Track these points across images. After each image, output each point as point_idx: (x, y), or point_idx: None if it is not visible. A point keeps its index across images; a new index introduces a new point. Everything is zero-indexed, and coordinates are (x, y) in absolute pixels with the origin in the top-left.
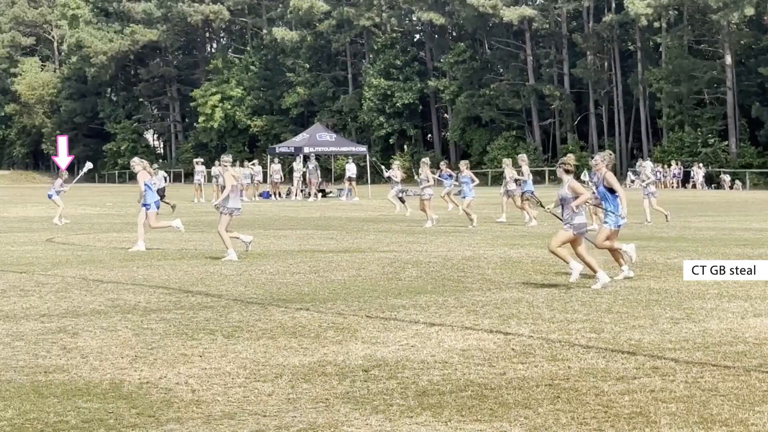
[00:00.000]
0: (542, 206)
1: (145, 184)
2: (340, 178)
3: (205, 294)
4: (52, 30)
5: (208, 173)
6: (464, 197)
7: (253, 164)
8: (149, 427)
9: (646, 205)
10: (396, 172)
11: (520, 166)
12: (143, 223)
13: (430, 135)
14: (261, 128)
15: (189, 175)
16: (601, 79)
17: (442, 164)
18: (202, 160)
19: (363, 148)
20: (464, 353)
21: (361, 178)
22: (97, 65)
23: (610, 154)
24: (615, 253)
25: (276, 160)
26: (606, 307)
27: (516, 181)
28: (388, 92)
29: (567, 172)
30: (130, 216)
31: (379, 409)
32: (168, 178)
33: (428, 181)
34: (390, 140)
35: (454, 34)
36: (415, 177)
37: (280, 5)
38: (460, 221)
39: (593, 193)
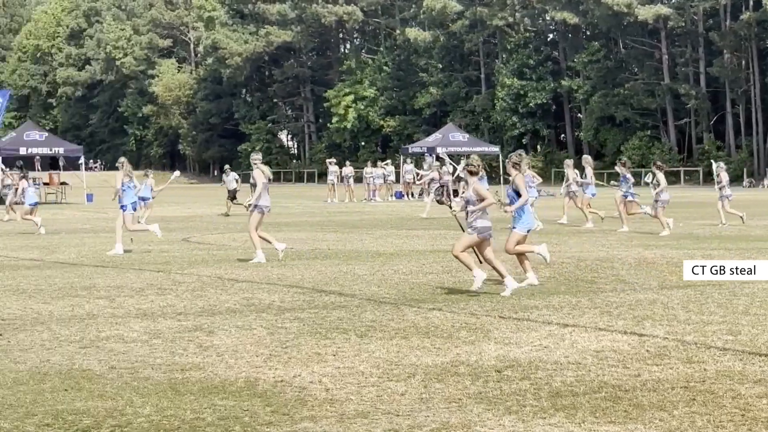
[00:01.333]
0: (450, 208)
1: (124, 185)
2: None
3: (338, 293)
4: (188, 32)
5: (341, 173)
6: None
7: (386, 164)
8: (283, 425)
9: (719, 207)
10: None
11: (584, 168)
12: (120, 225)
13: (563, 135)
14: (394, 128)
15: (322, 176)
16: (738, 78)
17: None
18: (334, 160)
19: (495, 148)
20: (598, 354)
21: (495, 178)
22: (232, 66)
23: (519, 154)
24: (521, 258)
25: (408, 160)
26: (743, 308)
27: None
28: (521, 92)
29: (471, 173)
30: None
31: (512, 410)
32: (239, 180)
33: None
34: (523, 140)
35: (588, 33)
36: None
37: (413, 5)
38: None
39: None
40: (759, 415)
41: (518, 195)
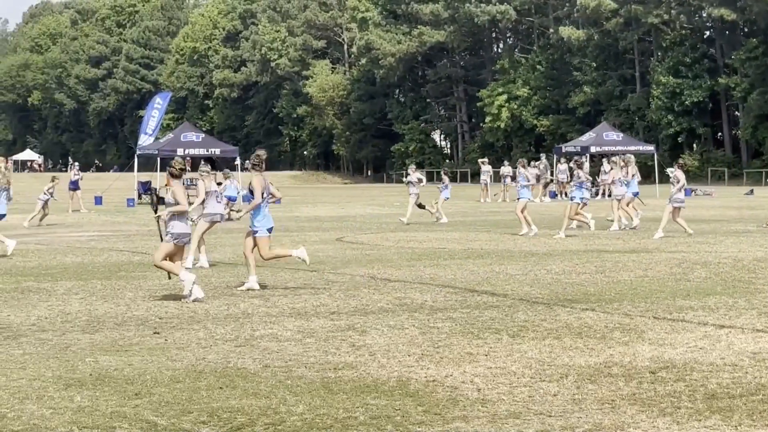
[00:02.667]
0: (154, 212)
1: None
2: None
3: (490, 293)
4: (342, 33)
5: (495, 173)
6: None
7: (539, 163)
8: (435, 424)
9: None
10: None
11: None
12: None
13: (720, 133)
14: (547, 128)
15: (475, 175)
16: None
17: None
18: (487, 159)
19: (650, 147)
20: (755, 356)
21: (648, 177)
22: (385, 67)
23: (257, 155)
24: (249, 260)
25: (563, 159)
26: None
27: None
28: (677, 90)
29: (173, 176)
30: (415, 215)
31: (666, 412)
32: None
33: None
34: (678, 139)
35: (746, 29)
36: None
37: (567, 4)
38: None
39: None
40: None
41: (254, 196)
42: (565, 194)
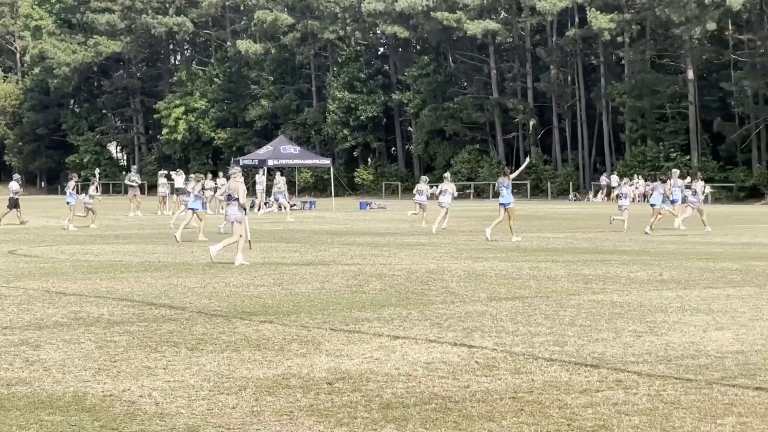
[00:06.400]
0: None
1: None
2: (302, 191)
3: (168, 306)
4: (14, 41)
5: (172, 185)
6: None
7: (216, 177)
8: None
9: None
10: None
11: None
12: None
13: (393, 148)
14: (225, 141)
15: (153, 187)
16: (564, 93)
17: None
18: (165, 172)
19: (327, 161)
20: (428, 366)
21: (324, 190)
22: (60, 76)
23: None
24: None
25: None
26: (569, 320)
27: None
28: (352, 105)
29: None
30: (94, 228)
31: (343, 422)
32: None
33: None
34: (354, 153)
35: (419, 47)
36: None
37: (245, 18)
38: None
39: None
40: (584, 424)
41: None
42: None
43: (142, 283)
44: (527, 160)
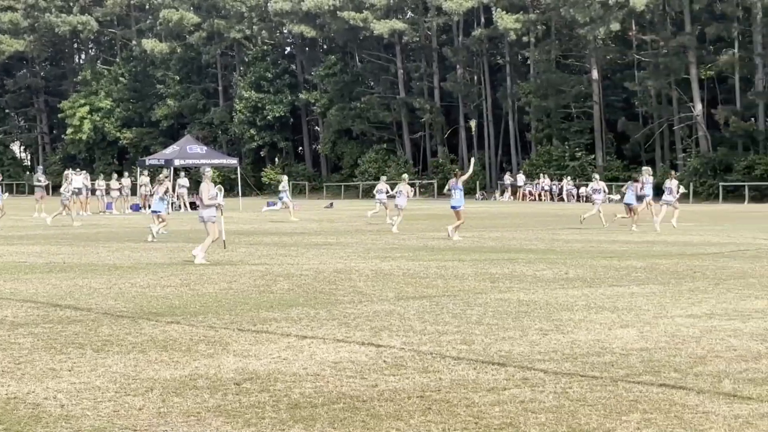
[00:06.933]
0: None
1: None
2: None
3: (74, 308)
4: None
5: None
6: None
7: (121, 177)
8: None
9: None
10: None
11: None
12: None
13: (301, 148)
14: (131, 140)
15: (57, 188)
16: (470, 93)
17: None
18: (70, 171)
19: (234, 161)
20: (336, 366)
21: (232, 190)
22: None
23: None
24: None
25: (145, 172)
26: (476, 319)
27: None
28: (259, 105)
29: None
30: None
31: (251, 422)
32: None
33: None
34: (261, 153)
35: (325, 46)
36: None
37: (150, 17)
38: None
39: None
40: (491, 422)
41: None
42: (148, 207)
43: (46, 284)
44: (473, 160)
